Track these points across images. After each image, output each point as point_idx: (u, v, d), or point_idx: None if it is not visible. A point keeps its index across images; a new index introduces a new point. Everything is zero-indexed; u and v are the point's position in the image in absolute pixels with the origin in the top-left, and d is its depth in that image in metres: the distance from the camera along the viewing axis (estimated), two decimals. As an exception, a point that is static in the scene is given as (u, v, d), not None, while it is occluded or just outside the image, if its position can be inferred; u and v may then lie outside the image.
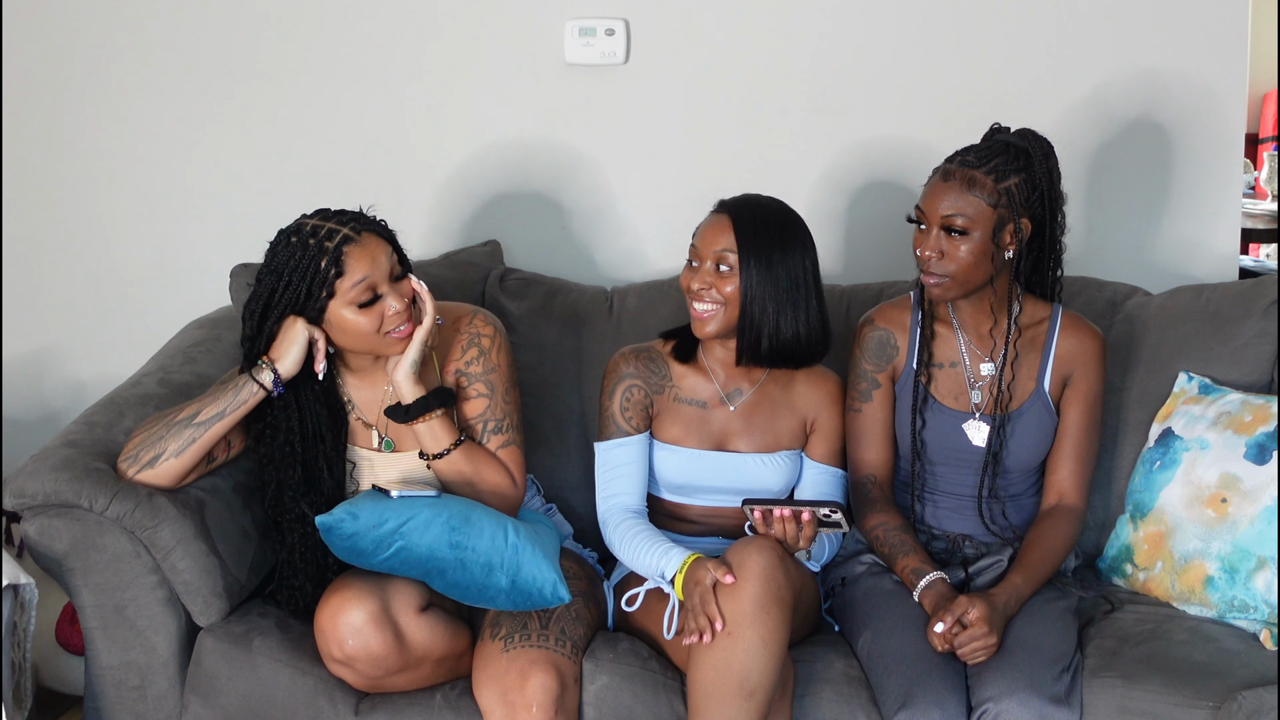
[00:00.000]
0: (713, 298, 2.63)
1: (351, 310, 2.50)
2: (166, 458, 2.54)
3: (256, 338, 2.55)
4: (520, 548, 2.47)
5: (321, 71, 3.39)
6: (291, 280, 2.49)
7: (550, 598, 2.47)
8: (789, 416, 2.75)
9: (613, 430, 2.72)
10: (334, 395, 2.62)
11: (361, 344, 2.55)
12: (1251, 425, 2.70)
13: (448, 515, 2.45)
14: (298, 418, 2.57)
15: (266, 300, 2.52)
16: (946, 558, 2.72)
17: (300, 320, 2.51)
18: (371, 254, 2.50)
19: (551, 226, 3.38)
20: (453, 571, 2.45)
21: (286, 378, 2.52)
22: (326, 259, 2.48)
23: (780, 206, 2.68)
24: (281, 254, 2.52)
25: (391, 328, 2.52)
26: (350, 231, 2.50)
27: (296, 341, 2.51)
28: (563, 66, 3.31)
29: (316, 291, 2.48)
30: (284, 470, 2.58)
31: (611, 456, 2.71)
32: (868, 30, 3.26)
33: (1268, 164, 5.46)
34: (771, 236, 2.62)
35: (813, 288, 2.65)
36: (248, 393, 2.53)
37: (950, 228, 2.58)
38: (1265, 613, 2.59)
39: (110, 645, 2.59)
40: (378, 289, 2.50)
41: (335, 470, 2.62)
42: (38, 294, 3.54)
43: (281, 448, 2.57)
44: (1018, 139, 2.62)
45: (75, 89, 3.45)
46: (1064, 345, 2.71)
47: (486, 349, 2.65)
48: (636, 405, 2.71)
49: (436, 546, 2.43)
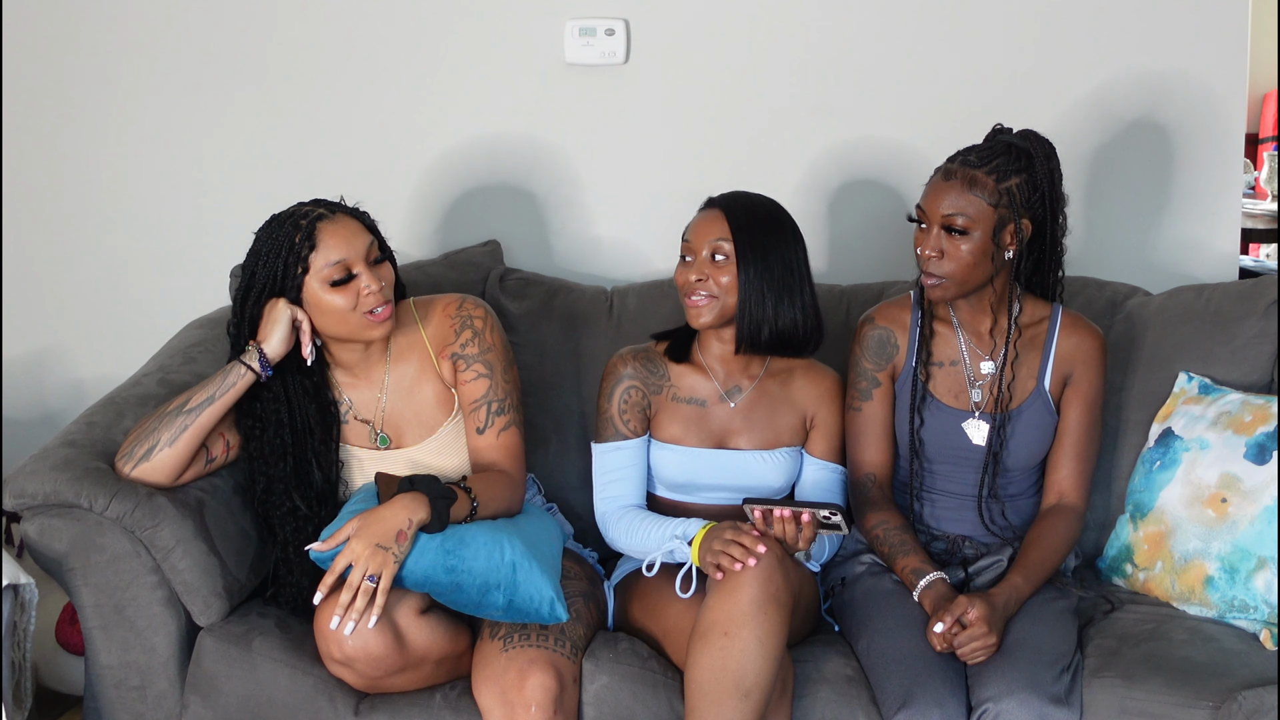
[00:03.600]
0: (709, 289, 2.64)
1: (325, 288, 2.52)
2: (160, 448, 2.54)
3: (241, 323, 2.57)
4: (517, 565, 2.45)
5: (322, 72, 3.39)
6: (269, 259, 2.53)
7: (547, 616, 2.46)
8: (789, 413, 2.75)
9: (610, 433, 2.72)
10: (323, 392, 2.63)
11: (339, 325, 2.55)
12: (1251, 425, 2.70)
13: (442, 538, 2.43)
14: (286, 410, 2.59)
15: (247, 284, 2.56)
16: (946, 558, 2.72)
17: (282, 300, 2.53)
18: (345, 231, 2.53)
19: (551, 226, 3.38)
20: (450, 593, 2.44)
21: (274, 359, 2.54)
22: (300, 234, 2.51)
23: (769, 200, 2.71)
24: (261, 238, 2.57)
25: (368, 308, 2.53)
26: (325, 211, 2.55)
27: (280, 321, 2.53)
28: (563, 66, 3.31)
29: (292, 268, 2.51)
30: (273, 464, 2.59)
31: (608, 460, 2.72)
32: (869, 31, 3.26)
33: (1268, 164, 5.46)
34: (764, 226, 2.65)
35: (805, 277, 2.68)
36: (235, 375, 2.54)
37: (951, 227, 2.58)
38: (1265, 613, 2.59)
39: (110, 645, 2.59)
40: (352, 268, 2.52)
41: (324, 464, 2.62)
42: (38, 294, 3.54)
43: (271, 441, 2.59)
44: (1020, 140, 2.62)
45: (75, 90, 3.45)
46: (1064, 345, 2.71)
47: (480, 330, 2.65)
48: (634, 407, 2.72)
49: (432, 572, 2.42)
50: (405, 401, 2.67)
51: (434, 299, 2.71)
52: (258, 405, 2.59)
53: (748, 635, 2.36)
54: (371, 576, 2.35)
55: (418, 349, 2.67)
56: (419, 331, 2.67)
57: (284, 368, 2.58)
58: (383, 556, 2.36)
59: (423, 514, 2.41)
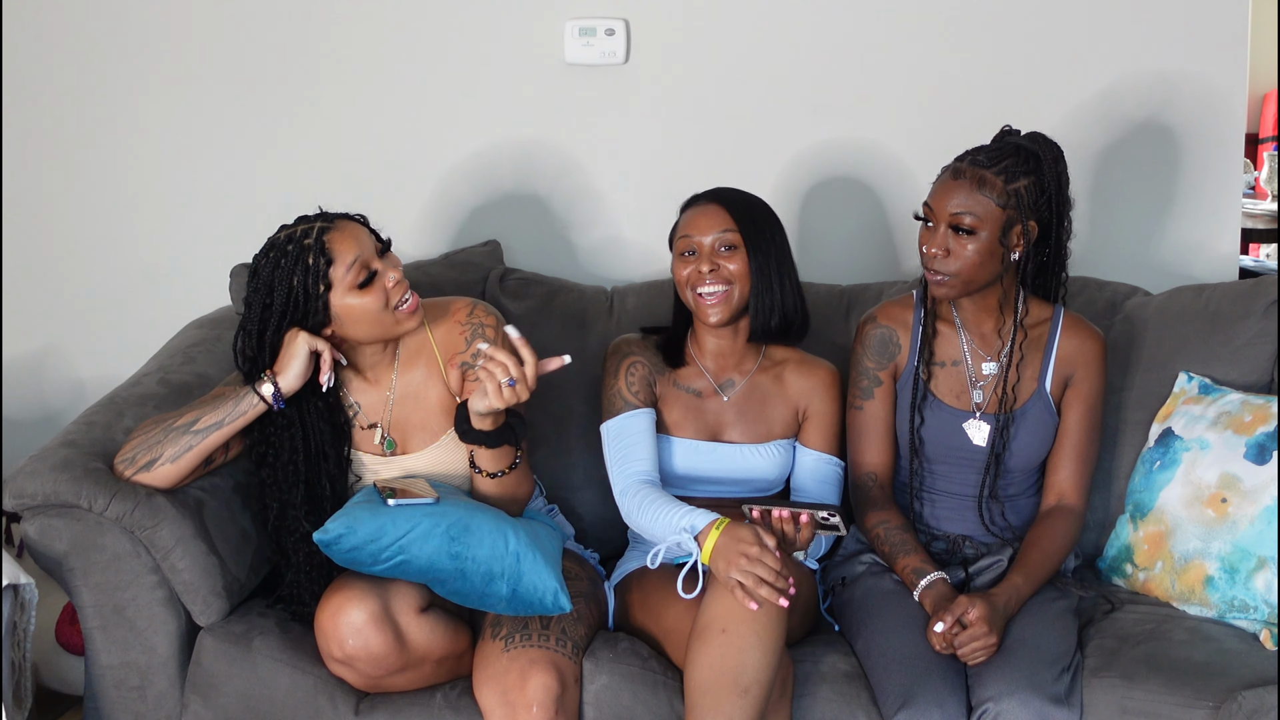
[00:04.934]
0: (723, 277, 2.65)
1: (354, 295, 2.50)
2: (162, 463, 2.54)
3: (259, 354, 2.53)
4: (521, 555, 2.46)
5: (322, 72, 3.39)
6: (285, 286, 2.48)
7: (551, 606, 2.47)
8: (781, 406, 2.76)
9: (620, 405, 2.71)
10: (338, 411, 2.61)
11: (375, 328, 2.54)
12: (1251, 425, 2.70)
13: (447, 525, 2.43)
14: (301, 435, 2.56)
15: (261, 316, 2.51)
16: (947, 558, 2.72)
17: (302, 334, 2.50)
18: (352, 234, 2.52)
19: (552, 226, 3.38)
20: (453, 581, 2.45)
21: (288, 393, 2.51)
22: (312, 254, 2.48)
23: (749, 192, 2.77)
24: (265, 271, 2.51)
25: (397, 299, 2.52)
26: (323, 223, 2.52)
27: (298, 356, 2.50)
28: (563, 66, 3.31)
29: (314, 289, 2.48)
30: (287, 492, 2.56)
31: (623, 428, 2.70)
32: (872, 30, 3.26)
33: (1268, 164, 5.46)
34: (760, 215, 2.72)
35: (792, 265, 2.73)
36: (247, 404, 2.52)
37: (958, 226, 2.57)
38: (1265, 613, 2.59)
39: (110, 645, 2.59)
40: (370, 265, 2.51)
41: (338, 487, 2.61)
42: (38, 294, 3.54)
43: (285, 468, 2.56)
44: (1028, 142, 2.62)
45: (75, 90, 3.45)
46: (1065, 346, 2.71)
47: (492, 340, 2.64)
48: (642, 380, 2.73)
49: (437, 558, 2.42)
50: (412, 406, 2.66)
51: (442, 303, 2.69)
52: (271, 430, 2.56)
53: (746, 632, 2.36)
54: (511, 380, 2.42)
55: (425, 353, 2.66)
56: (427, 335, 2.66)
57: (299, 393, 2.54)
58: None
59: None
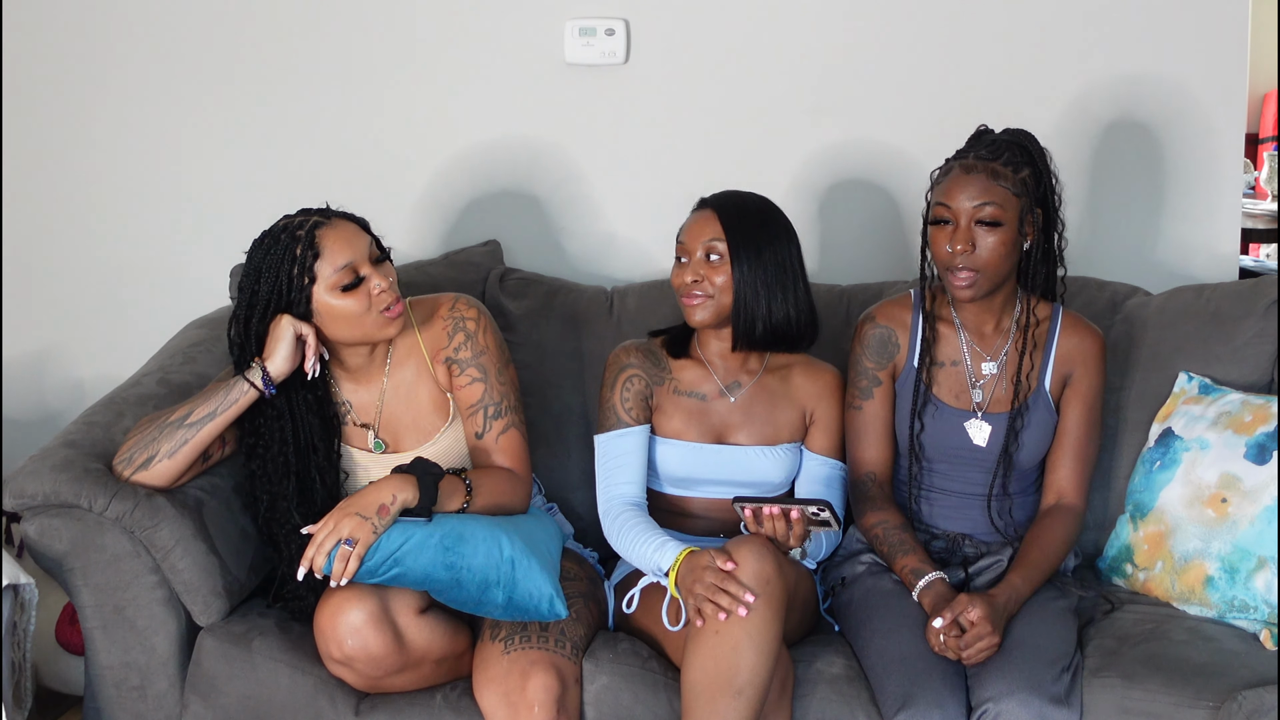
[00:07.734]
0: (705, 289, 2.65)
1: (336, 295, 2.50)
2: (160, 459, 2.54)
3: (246, 342, 2.54)
4: (516, 561, 2.45)
5: (322, 72, 3.39)
6: (272, 275, 2.50)
7: (546, 613, 2.46)
8: (788, 409, 2.76)
9: (613, 421, 2.72)
10: (327, 404, 2.62)
11: (355, 330, 2.54)
12: (1251, 425, 2.70)
13: (441, 535, 2.43)
14: (290, 427, 2.57)
15: (249, 302, 2.53)
16: (946, 557, 2.72)
17: (287, 317, 2.51)
18: (345, 235, 2.52)
19: (552, 226, 3.38)
20: (450, 590, 2.44)
21: (277, 377, 2.52)
22: (301, 245, 2.49)
23: (760, 198, 2.73)
24: (256, 256, 2.53)
25: (383, 306, 2.52)
26: (320, 217, 2.53)
27: (284, 338, 2.51)
28: (563, 66, 3.31)
29: (299, 280, 2.49)
30: (277, 483, 2.57)
31: (612, 446, 2.71)
32: (868, 31, 3.26)
33: (1268, 164, 5.46)
34: (756, 224, 2.68)
35: (799, 273, 2.70)
36: (238, 392, 2.53)
37: (982, 219, 2.57)
38: (1265, 613, 2.59)
39: (110, 645, 2.59)
40: (359, 270, 2.51)
41: (328, 480, 2.61)
42: (38, 294, 3.54)
43: (275, 459, 2.57)
44: (1010, 136, 2.63)
45: (75, 90, 3.45)
46: (1064, 345, 2.71)
47: (472, 332, 2.64)
48: (637, 396, 2.72)
49: (432, 569, 2.42)
50: (403, 406, 2.66)
51: (428, 300, 2.70)
52: (260, 421, 2.57)
53: (739, 633, 2.36)
54: (349, 541, 2.36)
55: (414, 352, 2.67)
56: (415, 334, 2.67)
57: (288, 382, 2.56)
58: (359, 523, 2.37)
59: (408, 493, 2.42)
